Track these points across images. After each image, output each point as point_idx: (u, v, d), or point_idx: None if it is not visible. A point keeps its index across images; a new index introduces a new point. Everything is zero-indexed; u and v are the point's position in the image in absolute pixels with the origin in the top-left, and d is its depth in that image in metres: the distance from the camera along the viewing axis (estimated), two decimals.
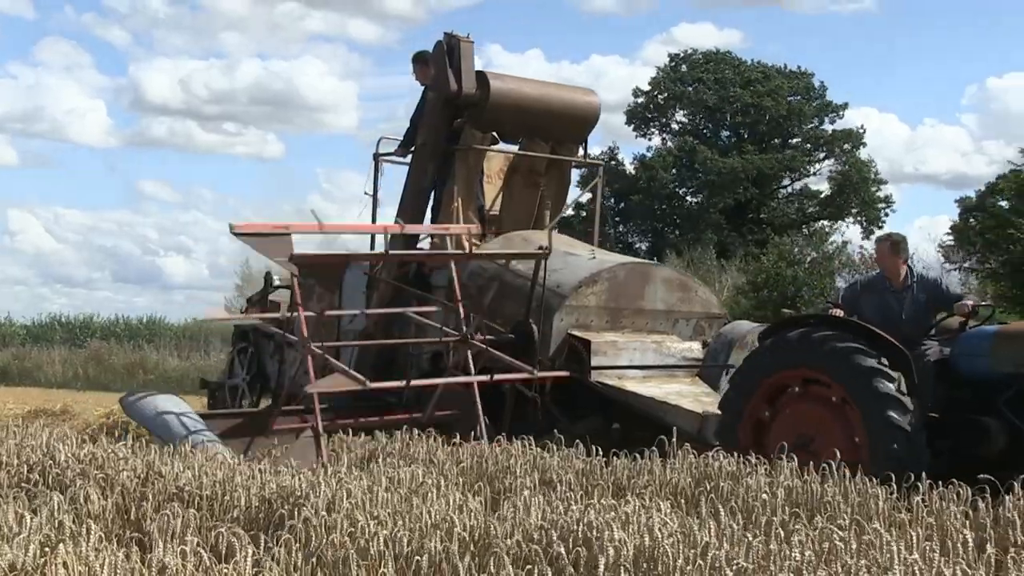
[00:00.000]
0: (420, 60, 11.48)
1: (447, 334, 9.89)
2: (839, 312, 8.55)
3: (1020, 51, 62.22)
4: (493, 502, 6.14)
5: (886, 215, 40.97)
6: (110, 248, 70.38)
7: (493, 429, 9.12)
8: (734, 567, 4.42)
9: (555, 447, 7.66)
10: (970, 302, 8.43)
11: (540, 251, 10.18)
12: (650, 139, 43.07)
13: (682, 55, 42.69)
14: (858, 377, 7.74)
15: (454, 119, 11.28)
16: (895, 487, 6.35)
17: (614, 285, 10.62)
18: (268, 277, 12.78)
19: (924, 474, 6.33)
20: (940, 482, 6.19)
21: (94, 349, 31.43)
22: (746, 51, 68.05)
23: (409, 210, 11.23)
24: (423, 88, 11.51)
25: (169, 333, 37.50)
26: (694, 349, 10.88)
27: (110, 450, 6.93)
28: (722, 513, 5.47)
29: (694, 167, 39.99)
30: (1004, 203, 29.74)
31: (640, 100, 42.76)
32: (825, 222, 41.32)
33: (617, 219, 40.77)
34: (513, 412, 10.11)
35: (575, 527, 5.01)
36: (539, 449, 7.58)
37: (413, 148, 11.53)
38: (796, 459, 6.84)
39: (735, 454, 7.11)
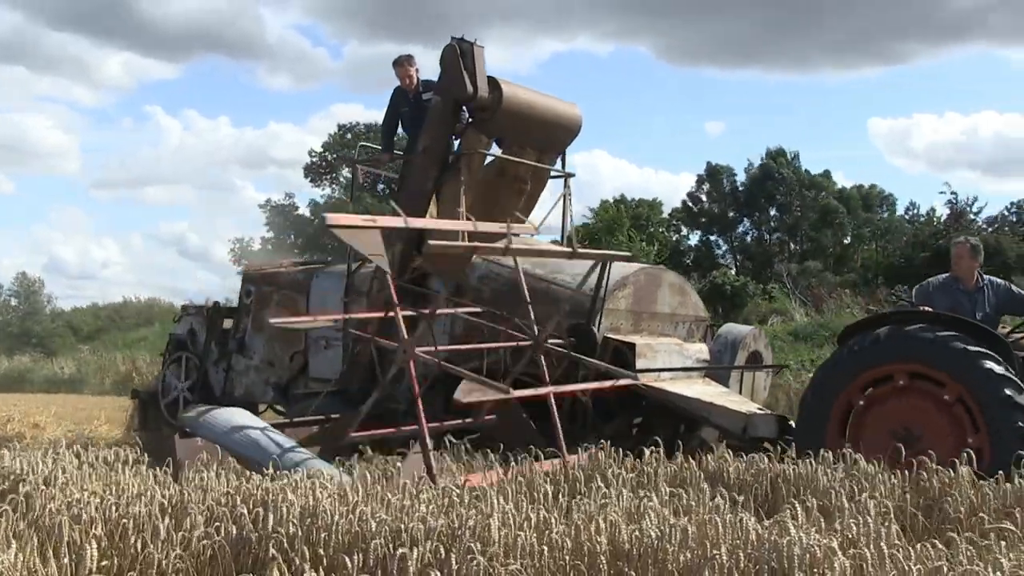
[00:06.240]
0: (402, 63, 11.22)
1: (514, 338, 9.27)
2: (927, 309, 8.23)
3: (593, 136, 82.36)
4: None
5: None
6: None
7: (543, 438, 8.55)
8: (376, 519, 5.31)
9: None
10: None
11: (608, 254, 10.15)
12: (323, 188, 51.84)
13: (348, 125, 51.98)
14: (965, 362, 7.39)
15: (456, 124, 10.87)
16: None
17: (637, 289, 10.54)
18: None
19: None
20: None
21: None
22: None
23: (408, 213, 9.85)
24: (393, 92, 11.30)
25: None
26: (704, 351, 10.87)
27: None
28: (369, 478, 6.52)
29: (365, 212, 43.67)
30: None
31: (314, 159, 52.42)
32: None
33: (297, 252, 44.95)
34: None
35: (256, 492, 5.87)
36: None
37: (396, 152, 11.27)
38: (903, 454, 6.75)
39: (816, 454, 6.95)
